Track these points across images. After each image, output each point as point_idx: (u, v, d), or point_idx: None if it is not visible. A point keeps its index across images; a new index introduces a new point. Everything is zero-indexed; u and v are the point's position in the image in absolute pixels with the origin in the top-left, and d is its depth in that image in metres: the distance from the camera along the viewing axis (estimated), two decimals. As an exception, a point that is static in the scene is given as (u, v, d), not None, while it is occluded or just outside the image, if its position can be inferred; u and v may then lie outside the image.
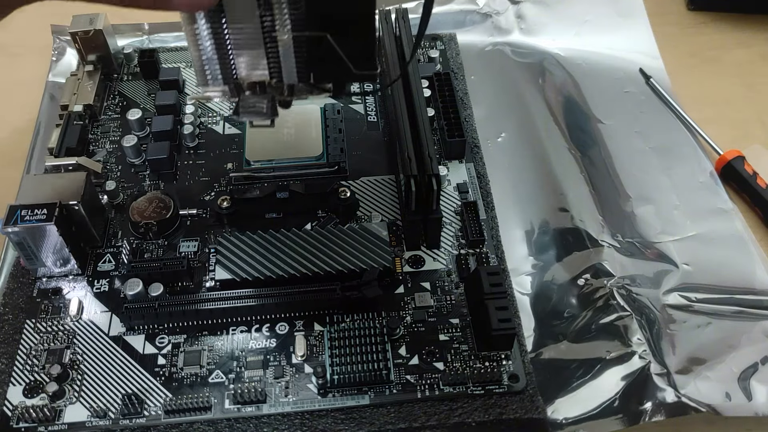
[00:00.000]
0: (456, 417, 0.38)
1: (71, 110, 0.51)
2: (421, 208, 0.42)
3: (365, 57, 0.36)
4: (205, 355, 0.40)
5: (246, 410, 0.38)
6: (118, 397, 0.38)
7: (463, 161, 0.50)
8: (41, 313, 0.42)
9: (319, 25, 0.34)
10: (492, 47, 0.61)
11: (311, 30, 0.34)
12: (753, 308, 0.44)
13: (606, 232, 0.48)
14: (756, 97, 0.59)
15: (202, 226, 0.46)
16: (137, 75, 0.56)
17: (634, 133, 0.54)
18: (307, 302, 0.41)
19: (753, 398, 0.40)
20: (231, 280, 0.41)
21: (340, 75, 0.37)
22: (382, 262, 0.42)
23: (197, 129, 0.51)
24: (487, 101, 0.56)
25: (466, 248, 0.45)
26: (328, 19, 0.34)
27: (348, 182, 0.47)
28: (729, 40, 0.63)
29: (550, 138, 0.54)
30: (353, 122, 0.52)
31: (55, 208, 0.40)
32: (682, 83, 0.59)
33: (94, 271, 0.44)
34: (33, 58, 0.61)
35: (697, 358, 0.42)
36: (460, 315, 0.41)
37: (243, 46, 0.36)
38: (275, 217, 0.46)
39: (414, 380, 0.39)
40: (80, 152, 0.49)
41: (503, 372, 0.39)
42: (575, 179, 0.51)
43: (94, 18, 0.53)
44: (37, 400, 0.38)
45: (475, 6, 0.64)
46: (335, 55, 0.35)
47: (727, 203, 0.50)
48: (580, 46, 0.61)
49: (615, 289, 0.44)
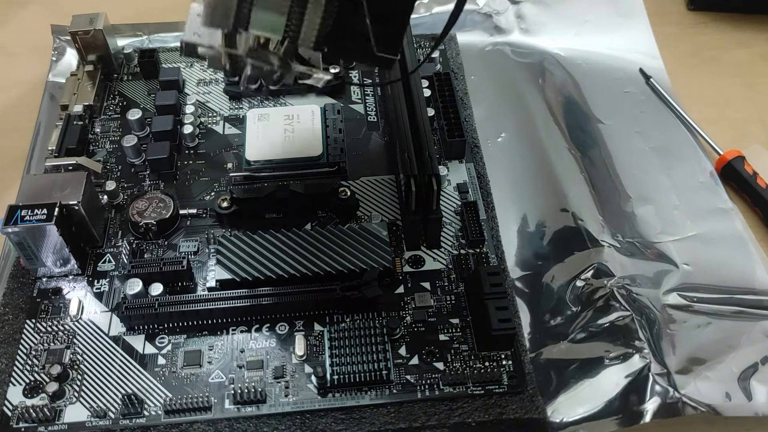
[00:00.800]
0: (456, 417, 0.38)
1: (71, 110, 0.51)
2: (421, 208, 0.42)
3: (391, 41, 0.34)
4: (205, 355, 0.40)
5: (246, 410, 0.38)
6: (118, 397, 0.38)
7: (463, 161, 0.50)
8: (41, 313, 0.42)
9: None
10: (492, 47, 0.61)
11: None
12: (753, 308, 0.44)
13: (606, 232, 0.48)
14: (756, 97, 0.59)
15: (202, 226, 0.46)
16: (137, 75, 0.56)
17: (634, 133, 0.54)
18: (307, 302, 0.41)
19: (753, 398, 0.40)
20: (231, 280, 0.41)
21: (358, 54, 0.35)
22: (382, 262, 0.42)
23: (197, 129, 0.51)
24: (487, 101, 0.56)
25: (466, 248, 0.45)
26: None
27: (348, 182, 0.47)
28: (729, 40, 0.63)
29: (550, 138, 0.54)
30: (353, 122, 0.52)
31: (55, 208, 0.40)
32: (682, 83, 0.59)
33: (94, 271, 0.44)
34: (33, 58, 0.61)
35: (697, 358, 0.42)
36: (460, 315, 0.41)
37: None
38: (275, 217, 0.46)
39: (414, 380, 0.39)
40: (80, 152, 0.49)
41: (503, 372, 0.39)
42: (575, 179, 0.51)
43: (94, 18, 0.53)
44: (37, 400, 0.38)
45: (475, 6, 0.64)
46: (361, 32, 0.33)
47: (727, 203, 0.50)
48: (580, 46, 0.61)
49: (615, 289, 0.44)
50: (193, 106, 0.52)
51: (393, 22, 0.34)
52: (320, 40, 0.33)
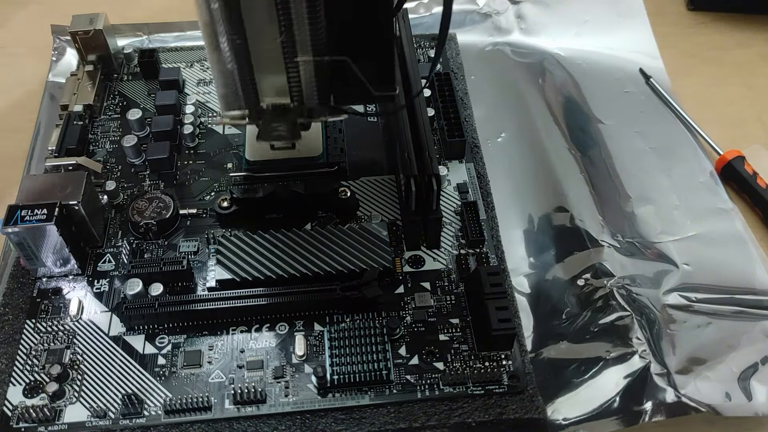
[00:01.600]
0: (456, 417, 0.38)
1: (71, 110, 0.51)
2: (421, 208, 0.42)
3: (384, 79, 0.36)
4: (205, 355, 0.40)
5: (246, 410, 0.38)
6: (118, 397, 0.38)
7: (463, 161, 0.50)
8: (41, 313, 0.42)
9: (340, 49, 0.34)
10: (492, 47, 0.61)
11: (332, 53, 0.34)
12: (753, 308, 0.44)
13: (606, 232, 0.48)
14: (756, 97, 0.59)
15: (202, 226, 0.46)
16: (137, 75, 0.56)
17: (634, 133, 0.54)
18: (307, 302, 0.41)
19: (753, 398, 0.40)
20: (231, 280, 0.41)
21: (359, 97, 0.38)
22: (382, 262, 0.42)
23: (197, 129, 0.51)
24: (487, 101, 0.56)
25: (466, 248, 0.45)
26: (348, 42, 0.34)
27: (348, 182, 0.47)
28: (729, 40, 0.63)
29: (550, 138, 0.54)
30: (353, 122, 0.52)
31: (55, 208, 0.40)
32: (682, 83, 0.59)
33: (94, 271, 0.44)
34: (33, 58, 0.61)
35: (697, 358, 0.42)
36: (460, 315, 0.41)
37: (265, 70, 0.36)
38: (275, 217, 0.46)
39: (414, 380, 0.39)
40: (80, 152, 0.49)
41: (503, 372, 0.39)
42: (575, 179, 0.51)
43: (94, 18, 0.53)
44: (37, 400, 0.38)
45: (475, 6, 0.64)
46: (356, 78, 0.35)
47: (727, 203, 0.50)
48: (580, 46, 0.61)
49: (615, 289, 0.44)
50: (193, 106, 0.52)
51: (379, 57, 0.36)
52: (321, 96, 0.36)
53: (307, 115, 0.38)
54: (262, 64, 0.36)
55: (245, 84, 0.36)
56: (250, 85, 0.36)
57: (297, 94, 0.37)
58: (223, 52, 0.35)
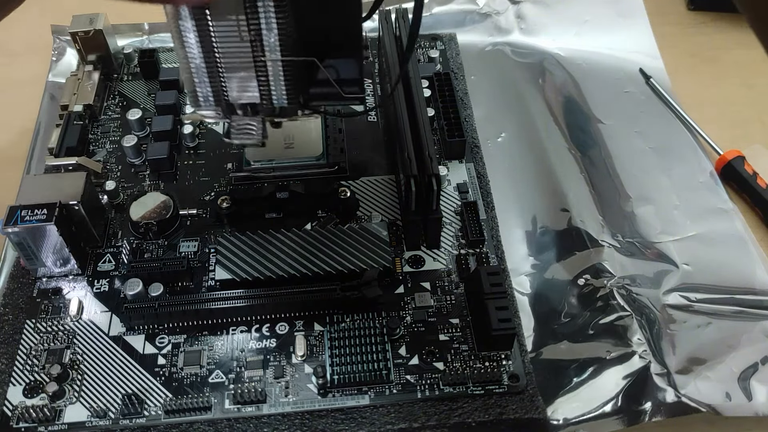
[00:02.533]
0: (456, 417, 0.38)
1: (71, 110, 0.51)
2: (421, 208, 0.42)
3: (353, 80, 0.37)
4: (205, 355, 0.40)
5: (246, 410, 0.38)
6: (118, 397, 0.38)
7: (463, 161, 0.50)
8: (41, 313, 0.42)
9: (308, 50, 0.34)
10: (492, 47, 0.61)
11: (300, 54, 0.34)
12: (753, 308, 0.44)
13: (606, 232, 0.48)
14: (756, 97, 0.59)
15: (202, 226, 0.46)
16: (137, 75, 0.56)
17: (634, 133, 0.54)
18: (307, 302, 0.41)
19: (753, 398, 0.40)
20: (231, 280, 0.41)
21: (328, 98, 0.38)
22: (382, 262, 0.42)
23: (197, 129, 0.51)
24: (487, 101, 0.56)
25: (466, 248, 0.45)
26: (317, 43, 0.34)
27: (348, 182, 0.47)
28: (729, 40, 0.63)
29: (550, 138, 0.54)
30: (353, 122, 0.52)
31: (55, 208, 0.40)
32: (682, 83, 0.59)
33: (94, 271, 0.44)
34: (33, 58, 0.61)
35: (697, 358, 0.42)
36: (460, 315, 0.41)
37: (233, 69, 0.36)
38: (275, 217, 0.46)
39: (414, 380, 0.39)
40: (80, 152, 0.49)
41: (503, 372, 0.39)
42: (575, 179, 0.51)
43: (94, 18, 0.53)
44: (37, 400, 0.38)
45: (475, 6, 0.64)
46: (324, 79, 0.35)
47: (727, 203, 0.50)
48: (580, 46, 0.61)
49: (615, 289, 0.44)
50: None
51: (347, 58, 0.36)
52: (291, 96, 0.37)
53: (278, 113, 0.38)
54: (231, 62, 0.36)
55: (214, 83, 0.36)
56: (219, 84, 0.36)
57: (266, 94, 0.36)
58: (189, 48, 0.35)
